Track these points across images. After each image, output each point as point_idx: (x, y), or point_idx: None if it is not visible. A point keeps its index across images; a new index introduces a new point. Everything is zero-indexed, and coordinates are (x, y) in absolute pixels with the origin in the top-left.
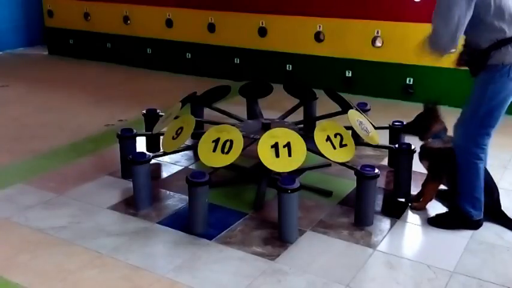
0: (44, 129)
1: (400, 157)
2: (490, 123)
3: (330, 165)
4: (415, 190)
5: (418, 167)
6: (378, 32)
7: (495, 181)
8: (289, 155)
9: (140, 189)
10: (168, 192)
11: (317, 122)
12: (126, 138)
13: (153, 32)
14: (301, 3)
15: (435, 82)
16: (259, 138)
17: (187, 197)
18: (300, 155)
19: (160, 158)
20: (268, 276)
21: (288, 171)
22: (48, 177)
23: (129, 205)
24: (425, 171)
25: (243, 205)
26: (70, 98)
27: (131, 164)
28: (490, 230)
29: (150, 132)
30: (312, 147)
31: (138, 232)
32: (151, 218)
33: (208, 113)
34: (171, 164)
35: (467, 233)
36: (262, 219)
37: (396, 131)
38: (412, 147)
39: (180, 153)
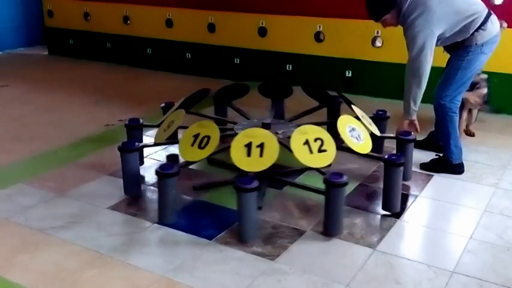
0: (44, 129)
1: (388, 169)
2: (465, 84)
3: (330, 165)
4: (414, 192)
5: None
6: (377, 32)
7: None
8: (261, 155)
9: (128, 174)
10: None
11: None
12: (134, 128)
13: (153, 32)
14: (301, 3)
15: (435, 82)
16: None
17: (187, 197)
18: (271, 156)
19: (160, 158)
20: (268, 276)
21: (256, 171)
22: (48, 177)
23: (129, 205)
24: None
25: None
26: (70, 98)
27: (120, 151)
28: (490, 230)
29: (156, 124)
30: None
31: (138, 232)
32: (151, 218)
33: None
34: None
35: (467, 233)
36: (262, 219)
37: (402, 142)
38: (402, 159)
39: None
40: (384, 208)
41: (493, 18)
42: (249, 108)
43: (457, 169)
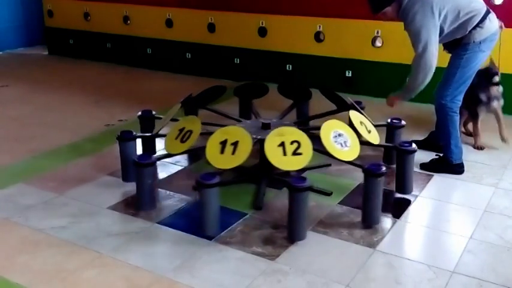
0: (44, 129)
1: (367, 179)
2: (466, 83)
3: (330, 165)
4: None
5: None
6: (378, 32)
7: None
8: (233, 153)
9: (125, 162)
10: (168, 192)
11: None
12: (147, 119)
13: (153, 32)
14: (301, 3)
15: (435, 82)
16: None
17: (187, 197)
18: (242, 155)
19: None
20: (268, 276)
21: (224, 168)
22: (48, 177)
23: (129, 205)
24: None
25: (243, 205)
26: (70, 98)
27: (118, 140)
28: (490, 230)
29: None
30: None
31: (138, 232)
32: (151, 218)
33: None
34: (171, 164)
35: (467, 233)
36: (262, 219)
37: (402, 153)
38: (383, 168)
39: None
40: (363, 222)
41: (492, 16)
42: (267, 110)
43: (457, 169)
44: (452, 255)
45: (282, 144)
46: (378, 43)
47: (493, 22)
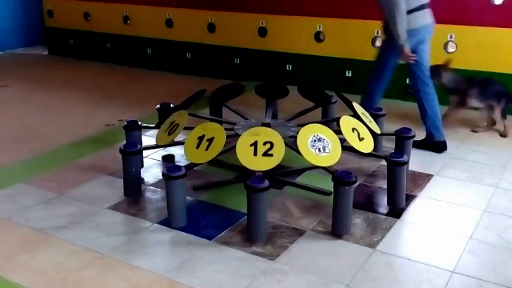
0: (44, 129)
1: (337, 188)
2: (390, 69)
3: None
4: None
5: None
6: (378, 32)
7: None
8: (207, 148)
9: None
10: None
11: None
12: (167, 111)
13: (153, 32)
14: (301, 3)
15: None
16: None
17: (188, 198)
18: (214, 152)
19: (159, 157)
20: (268, 276)
21: (197, 162)
22: (48, 177)
23: (129, 205)
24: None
25: (243, 205)
26: (70, 98)
27: (125, 129)
28: (490, 230)
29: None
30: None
31: (138, 232)
32: (152, 218)
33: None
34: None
35: (467, 233)
36: None
37: (393, 164)
38: (352, 178)
39: (181, 152)
40: (332, 232)
41: (427, 12)
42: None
43: (439, 146)
44: (452, 255)
45: (255, 144)
46: (378, 43)
47: (425, 18)
